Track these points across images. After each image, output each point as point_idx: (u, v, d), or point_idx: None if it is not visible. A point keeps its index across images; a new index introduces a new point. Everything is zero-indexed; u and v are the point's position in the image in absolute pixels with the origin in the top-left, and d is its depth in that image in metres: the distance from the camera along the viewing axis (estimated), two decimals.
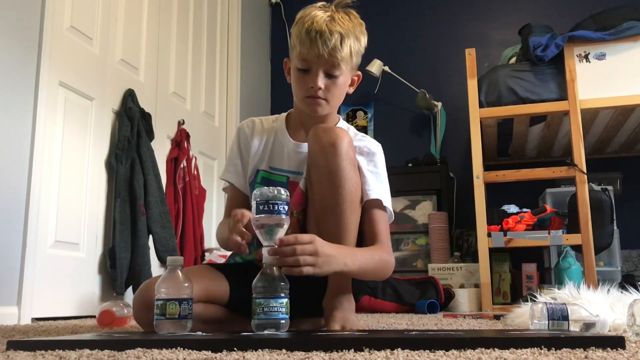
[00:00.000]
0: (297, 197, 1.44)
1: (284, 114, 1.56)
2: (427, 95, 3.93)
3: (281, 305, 1.09)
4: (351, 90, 1.49)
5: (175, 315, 1.11)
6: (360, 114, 4.28)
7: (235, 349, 0.88)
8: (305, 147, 1.44)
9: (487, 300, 2.71)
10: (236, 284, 1.36)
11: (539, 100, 2.84)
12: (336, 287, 1.35)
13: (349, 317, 1.32)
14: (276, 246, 1.13)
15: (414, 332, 1.16)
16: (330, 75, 1.37)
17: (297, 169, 1.46)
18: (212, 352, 0.87)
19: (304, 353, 0.86)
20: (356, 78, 1.49)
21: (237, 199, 1.50)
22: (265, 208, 1.12)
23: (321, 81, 1.36)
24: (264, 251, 1.14)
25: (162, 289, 1.13)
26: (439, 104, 3.96)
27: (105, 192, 2.50)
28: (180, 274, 1.14)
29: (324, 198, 1.33)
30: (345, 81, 1.43)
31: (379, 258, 1.35)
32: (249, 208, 1.26)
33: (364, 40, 1.42)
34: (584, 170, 2.71)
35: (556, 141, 3.44)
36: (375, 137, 1.57)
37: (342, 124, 1.54)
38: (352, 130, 1.53)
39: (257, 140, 1.50)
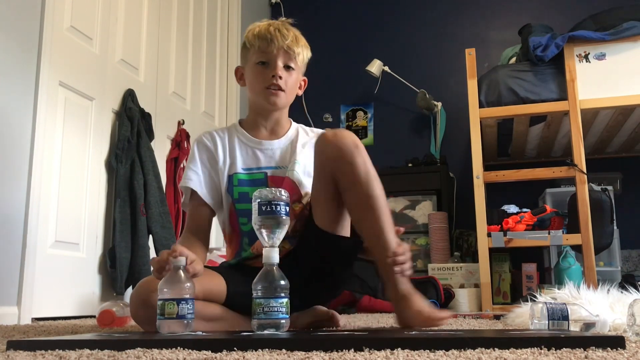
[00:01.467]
0: (290, 189, 1.45)
1: (233, 122, 1.64)
2: (427, 95, 3.93)
3: (281, 305, 1.09)
4: (300, 92, 1.60)
5: (174, 315, 1.11)
6: (360, 114, 4.28)
7: (235, 349, 0.88)
8: (270, 143, 1.54)
9: (487, 300, 2.71)
10: (233, 281, 1.37)
11: (539, 100, 2.84)
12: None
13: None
14: (276, 247, 1.14)
15: (414, 332, 1.16)
16: (288, 67, 1.50)
17: (275, 164, 1.53)
18: (212, 352, 0.87)
19: (304, 353, 0.86)
20: (303, 82, 1.61)
21: (199, 210, 1.50)
22: (267, 209, 1.12)
23: (281, 71, 1.48)
24: (264, 251, 1.14)
25: (163, 289, 1.13)
26: (439, 104, 3.96)
27: (105, 192, 2.50)
28: (182, 274, 1.14)
29: (361, 198, 1.33)
30: (297, 78, 1.55)
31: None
32: (209, 219, 1.50)
33: (308, 51, 1.57)
34: (584, 170, 2.71)
35: (556, 141, 3.44)
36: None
37: (294, 125, 1.62)
38: (302, 127, 1.63)
39: (220, 149, 1.55)
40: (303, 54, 1.53)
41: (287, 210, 1.15)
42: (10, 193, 1.99)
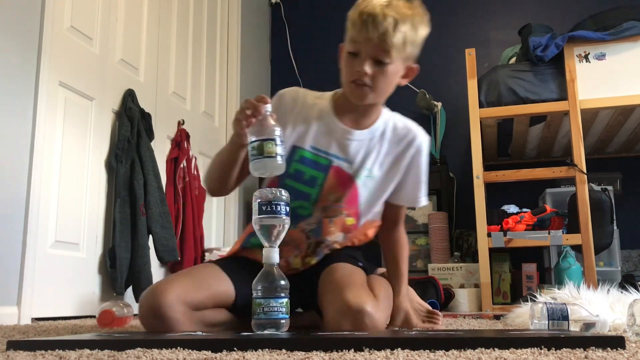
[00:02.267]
0: (352, 197, 1.43)
1: (329, 93, 1.48)
2: (427, 95, 3.93)
3: (281, 305, 1.09)
4: (404, 82, 1.41)
5: (273, 153, 1.13)
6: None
7: (235, 349, 0.88)
8: (348, 132, 1.42)
9: (487, 300, 2.71)
10: (240, 284, 1.35)
11: (539, 100, 2.84)
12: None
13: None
14: (276, 247, 1.14)
15: (414, 332, 1.16)
16: (379, 62, 1.30)
17: (343, 155, 1.42)
18: (212, 352, 0.87)
19: (304, 353, 0.86)
20: (410, 71, 1.39)
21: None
22: (267, 209, 1.12)
23: (368, 67, 1.29)
24: (264, 251, 1.14)
25: (258, 130, 1.14)
26: (439, 104, 3.96)
27: (105, 192, 2.50)
28: (271, 119, 1.17)
29: None
30: (396, 71, 1.34)
31: (407, 255, 1.58)
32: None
33: (423, 31, 1.34)
34: (584, 170, 2.71)
35: (556, 141, 3.44)
36: None
37: (385, 112, 1.48)
38: (399, 120, 1.49)
39: (296, 116, 1.42)
40: (404, 41, 1.29)
41: (287, 210, 1.15)
42: (10, 193, 1.99)
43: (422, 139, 1.49)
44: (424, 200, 1.53)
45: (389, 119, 1.48)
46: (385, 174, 1.46)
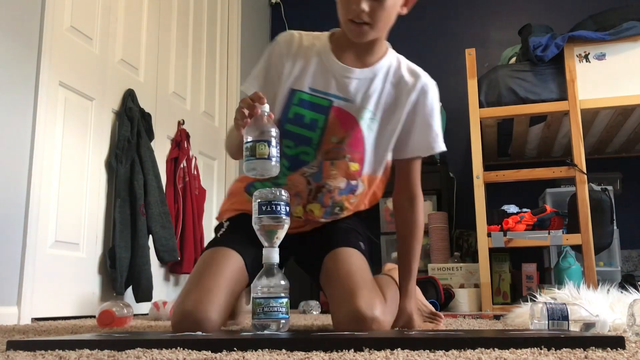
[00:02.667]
0: (356, 139, 1.37)
1: (326, 33, 1.43)
2: None
3: (281, 305, 1.09)
4: (405, 10, 1.37)
5: (265, 155, 1.13)
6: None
7: (235, 349, 0.88)
8: (349, 70, 1.37)
9: (487, 300, 2.71)
10: (252, 264, 1.34)
11: (539, 100, 2.84)
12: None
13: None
14: (276, 247, 1.14)
15: (414, 332, 1.16)
16: None
17: (343, 94, 1.37)
18: (212, 352, 0.87)
19: (304, 353, 0.86)
20: None
21: None
22: (267, 209, 1.12)
23: (365, 4, 1.25)
24: (264, 251, 1.14)
25: (252, 131, 1.14)
26: (439, 104, 3.96)
27: (105, 192, 2.50)
28: (267, 119, 1.16)
29: None
30: (395, 2, 1.31)
31: (421, 236, 1.45)
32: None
33: None
34: (584, 170, 2.71)
35: (556, 141, 3.44)
36: None
37: (391, 52, 1.43)
38: (404, 61, 1.45)
39: (292, 59, 1.38)
40: None
41: (287, 210, 1.15)
42: (10, 193, 1.99)
43: (428, 82, 1.44)
44: (439, 146, 1.45)
45: (394, 59, 1.42)
46: (389, 118, 1.40)
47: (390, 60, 1.42)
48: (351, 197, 1.44)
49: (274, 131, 1.15)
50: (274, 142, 1.14)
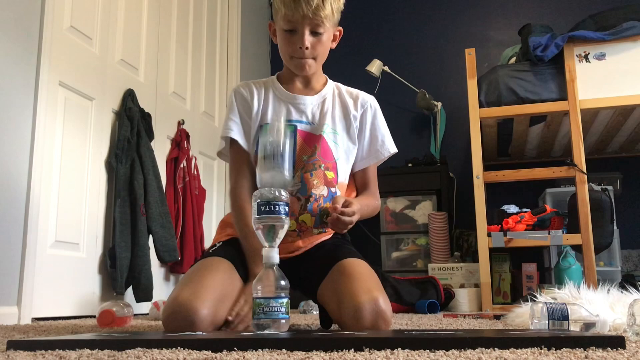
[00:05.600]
0: (325, 151, 1.51)
1: (272, 76, 1.61)
2: (427, 95, 3.93)
3: (281, 305, 1.09)
4: (334, 45, 1.55)
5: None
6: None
7: (235, 349, 0.88)
8: (302, 98, 1.54)
9: (487, 300, 2.71)
10: (245, 272, 1.40)
11: (539, 100, 2.84)
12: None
13: None
14: (276, 247, 1.14)
15: (414, 332, 1.16)
16: (315, 34, 1.45)
17: (304, 118, 1.53)
18: (212, 352, 0.87)
19: (304, 353, 0.86)
20: (338, 33, 1.54)
21: (241, 156, 1.53)
22: (266, 209, 1.12)
23: (307, 40, 1.44)
24: (264, 251, 1.14)
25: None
26: (439, 104, 3.96)
27: (105, 192, 2.50)
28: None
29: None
30: (329, 38, 1.50)
31: (372, 207, 1.56)
32: (253, 166, 1.48)
33: (339, 2, 1.49)
34: (584, 170, 2.71)
35: (556, 141, 3.44)
36: None
37: (330, 83, 1.60)
38: (343, 87, 1.61)
39: (256, 100, 1.54)
40: (332, 10, 1.45)
41: (287, 210, 1.15)
42: (10, 193, 1.99)
43: (367, 98, 1.61)
44: (388, 151, 1.61)
45: (334, 86, 1.60)
46: (346, 132, 1.57)
47: (332, 86, 1.60)
48: None
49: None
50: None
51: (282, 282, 1.11)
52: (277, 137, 1.20)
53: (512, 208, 3.19)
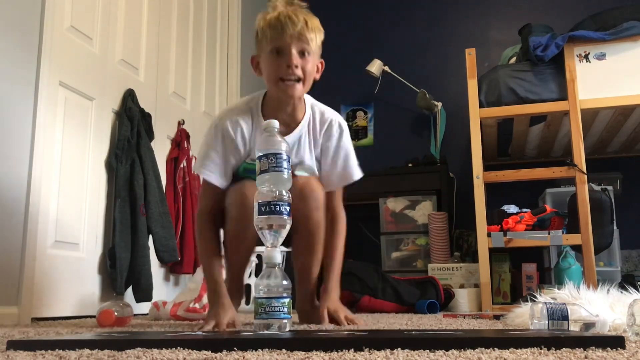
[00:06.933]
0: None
1: (258, 95, 1.61)
2: (427, 95, 3.93)
3: (283, 305, 1.09)
4: (318, 76, 1.59)
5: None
6: (360, 114, 4.28)
7: (235, 349, 0.88)
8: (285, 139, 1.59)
9: (487, 300, 2.71)
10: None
11: (539, 100, 2.84)
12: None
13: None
14: (278, 247, 1.14)
15: (414, 332, 1.16)
16: (302, 54, 1.49)
17: None
18: (212, 352, 0.87)
19: (304, 353, 0.86)
20: (320, 65, 1.59)
21: (215, 191, 1.59)
22: (267, 209, 1.12)
23: (295, 59, 1.47)
24: (266, 251, 1.14)
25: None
26: (439, 104, 3.96)
27: (105, 192, 2.50)
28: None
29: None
30: (314, 63, 1.53)
31: (341, 247, 1.67)
32: (223, 197, 1.57)
33: (321, 34, 1.55)
34: (584, 170, 2.71)
35: (556, 141, 3.45)
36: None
37: (307, 111, 1.63)
38: (317, 111, 1.64)
39: (240, 140, 1.57)
40: (317, 38, 1.51)
41: (289, 210, 1.15)
42: (10, 193, 1.99)
43: (339, 123, 1.66)
44: (352, 177, 1.67)
45: (310, 114, 1.63)
46: (316, 159, 1.65)
47: (308, 116, 1.62)
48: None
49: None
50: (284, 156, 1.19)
51: (284, 282, 1.11)
52: (274, 137, 1.19)
53: (512, 208, 3.19)
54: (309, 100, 1.65)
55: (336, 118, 1.66)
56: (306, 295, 1.65)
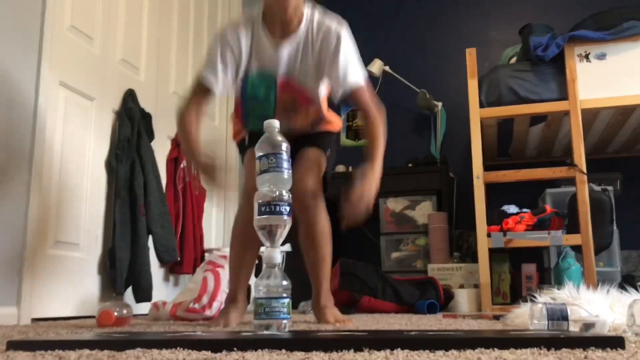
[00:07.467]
0: (302, 93, 1.70)
1: (259, 8, 1.68)
2: (428, 95, 3.93)
3: (283, 305, 1.09)
4: None
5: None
6: (360, 113, 4.27)
7: (235, 349, 0.88)
8: (284, 46, 1.65)
9: (486, 301, 2.71)
10: None
11: (540, 100, 2.84)
12: (325, 296, 1.79)
13: (337, 312, 1.79)
14: (277, 247, 1.14)
15: (413, 332, 1.16)
16: None
17: (280, 70, 1.68)
18: (212, 352, 0.87)
19: (303, 353, 0.86)
20: None
21: (203, 94, 1.69)
22: (267, 209, 1.12)
23: None
24: (266, 251, 1.14)
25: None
26: (439, 104, 3.96)
27: (105, 192, 2.50)
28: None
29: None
30: None
31: (382, 133, 1.74)
32: (207, 107, 1.72)
33: None
34: (584, 170, 2.71)
35: (556, 141, 3.44)
36: None
37: (305, 18, 1.66)
38: (315, 19, 1.67)
39: (244, 48, 1.66)
40: None
41: (288, 210, 1.15)
42: (10, 193, 1.99)
43: (337, 32, 1.67)
44: (356, 81, 1.70)
45: (309, 21, 1.67)
46: (315, 66, 1.69)
47: (307, 22, 1.66)
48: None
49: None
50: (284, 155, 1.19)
51: (284, 283, 1.11)
52: (274, 137, 1.18)
53: (512, 208, 3.19)
54: (309, 9, 1.68)
55: (334, 27, 1.67)
56: (316, 295, 1.80)
